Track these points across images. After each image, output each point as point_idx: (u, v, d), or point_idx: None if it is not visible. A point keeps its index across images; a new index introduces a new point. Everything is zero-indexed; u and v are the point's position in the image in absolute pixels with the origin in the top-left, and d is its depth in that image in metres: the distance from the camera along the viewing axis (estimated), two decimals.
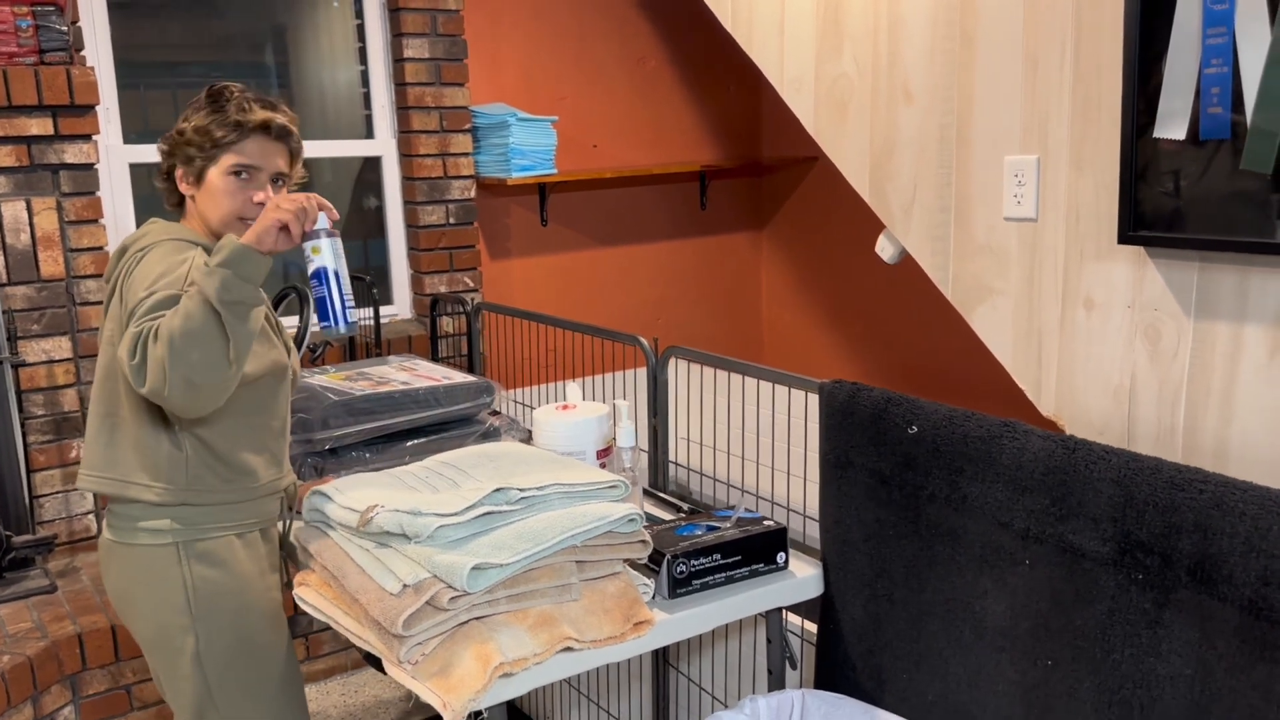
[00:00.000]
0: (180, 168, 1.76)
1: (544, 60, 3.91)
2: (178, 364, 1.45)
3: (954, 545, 1.51)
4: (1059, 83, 2.19)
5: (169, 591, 1.72)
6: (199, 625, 1.72)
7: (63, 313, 3.01)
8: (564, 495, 1.59)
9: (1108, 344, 2.17)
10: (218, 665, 1.74)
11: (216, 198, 1.73)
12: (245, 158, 1.73)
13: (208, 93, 1.77)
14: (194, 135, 1.72)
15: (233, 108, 1.72)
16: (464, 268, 3.74)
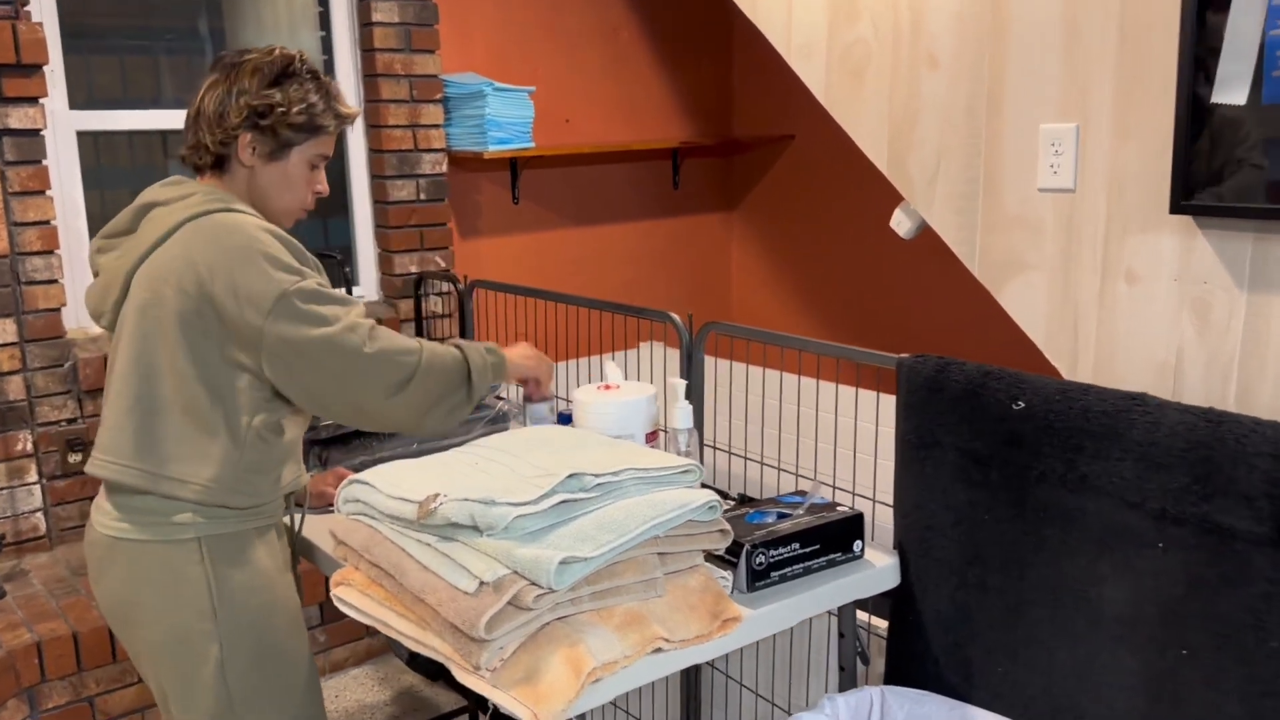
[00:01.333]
0: (252, 136, 1.61)
1: (516, 30, 3.73)
2: (414, 395, 1.57)
3: (1067, 528, 1.40)
4: (1102, 46, 2.11)
5: (190, 592, 1.56)
6: (223, 629, 1.57)
7: (6, 292, 2.75)
8: (639, 481, 1.44)
9: (1151, 318, 2.10)
10: (241, 673, 1.59)
11: (291, 183, 1.66)
12: (328, 150, 1.69)
13: (301, 60, 1.65)
14: (297, 116, 1.61)
15: (335, 98, 1.67)
16: (435, 246, 3.55)
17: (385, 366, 1.53)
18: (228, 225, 1.54)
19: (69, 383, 2.85)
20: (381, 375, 1.53)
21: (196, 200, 1.57)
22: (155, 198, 1.61)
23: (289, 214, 1.69)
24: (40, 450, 2.84)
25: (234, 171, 1.64)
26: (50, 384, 2.83)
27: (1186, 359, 2.06)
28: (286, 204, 1.67)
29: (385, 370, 1.53)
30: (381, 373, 1.53)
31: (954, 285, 3.65)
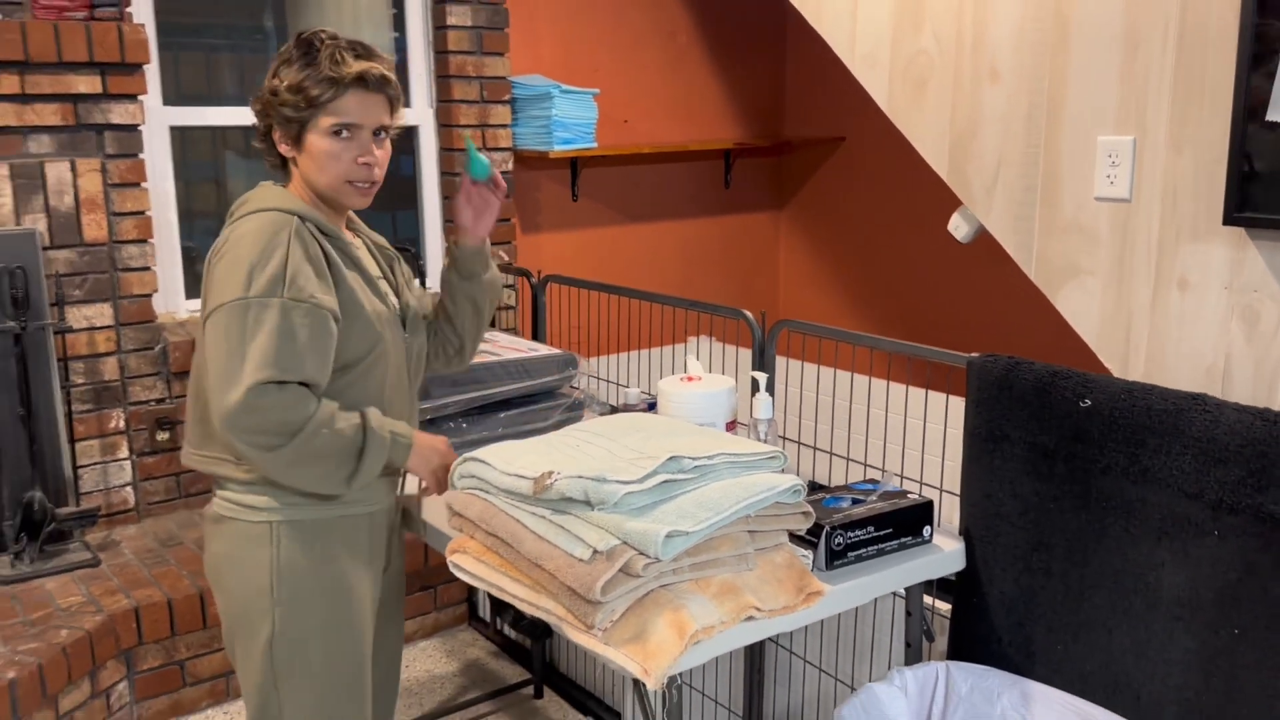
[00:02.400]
0: (277, 129, 1.65)
1: (580, 33, 3.86)
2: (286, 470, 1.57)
3: (1129, 517, 1.52)
4: (1160, 64, 2.21)
5: (255, 571, 1.65)
6: (278, 610, 1.65)
7: (105, 278, 2.91)
8: (731, 465, 1.57)
9: (1202, 324, 2.20)
10: (288, 655, 1.66)
11: (320, 160, 1.63)
12: (345, 116, 1.61)
13: (296, 42, 1.64)
14: (288, 94, 1.60)
15: (325, 61, 1.59)
16: (499, 240, 3.68)
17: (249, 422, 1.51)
18: (244, 227, 1.59)
19: (159, 365, 3.02)
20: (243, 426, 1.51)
21: (242, 208, 1.65)
22: (236, 204, 1.70)
23: (338, 190, 1.65)
24: (131, 428, 3.00)
25: (291, 164, 1.68)
26: (142, 365, 2.99)
27: (1235, 363, 2.16)
28: (328, 181, 1.64)
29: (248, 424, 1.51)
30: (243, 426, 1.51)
31: (1000, 288, 3.75)
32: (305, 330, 1.54)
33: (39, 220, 2.78)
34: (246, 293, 1.52)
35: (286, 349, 1.52)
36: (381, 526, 1.78)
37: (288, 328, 1.52)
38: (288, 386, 1.53)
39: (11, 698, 2.23)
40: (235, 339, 1.52)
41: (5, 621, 2.47)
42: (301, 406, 1.53)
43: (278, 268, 1.54)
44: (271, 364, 1.51)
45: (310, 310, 1.55)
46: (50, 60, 2.68)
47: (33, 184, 2.77)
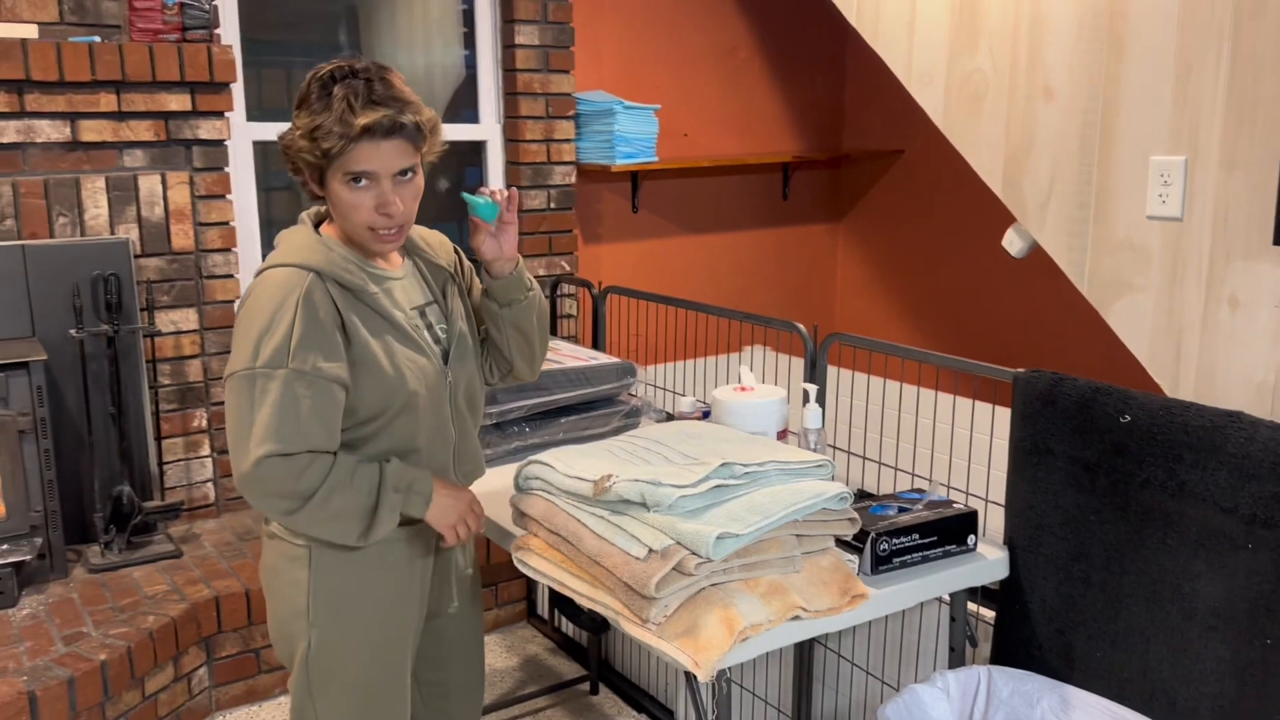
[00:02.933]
0: (302, 169, 1.63)
1: (642, 49, 3.96)
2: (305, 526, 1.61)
3: (1166, 530, 1.57)
4: (1213, 86, 2.25)
5: (293, 591, 1.69)
6: (314, 631, 1.69)
7: (191, 285, 3.08)
8: (781, 472, 1.65)
9: (1252, 342, 2.23)
10: (322, 672, 1.71)
11: (342, 209, 1.61)
12: (359, 165, 1.57)
13: (316, 78, 1.59)
14: (303, 141, 1.57)
15: (336, 110, 1.54)
16: (562, 251, 3.80)
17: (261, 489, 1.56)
18: (260, 286, 1.61)
19: None
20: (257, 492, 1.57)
21: (272, 254, 1.66)
22: (276, 240, 1.71)
23: (361, 236, 1.64)
24: (213, 427, 3.16)
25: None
26: (223, 368, 3.14)
27: None
28: (352, 229, 1.63)
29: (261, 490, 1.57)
30: (257, 491, 1.57)
31: (1055, 302, 3.77)
32: (308, 401, 1.55)
33: (131, 230, 2.96)
34: (254, 363, 1.54)
35: (290, 421, 1.53)
36: (427, 548, 1.78)
37: (291, 399, 1.54)
38: (294, 456, 1.54)
39: (103, 677, 2.39)
40: (244, 409, 1.55)
41: (96, 607, 2.63)
42: (311, 473, 1.55)
43: (283, 338, 1.54)
44: (274, 437, 1.53)
45: (313, 381, 1.55)
46: (145, 80, 2.85)
47: (126, 196, 2.94)
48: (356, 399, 1.62)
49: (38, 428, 2.67)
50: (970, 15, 2.75)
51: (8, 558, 2.62)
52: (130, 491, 2.90)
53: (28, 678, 2.30)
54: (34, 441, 2.68)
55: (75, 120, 2.82)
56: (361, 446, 1.66)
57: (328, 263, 1.61)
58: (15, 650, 2.42)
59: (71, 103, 2.79)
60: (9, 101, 2.71)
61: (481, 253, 1.77)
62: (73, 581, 2.77)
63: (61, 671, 2.34)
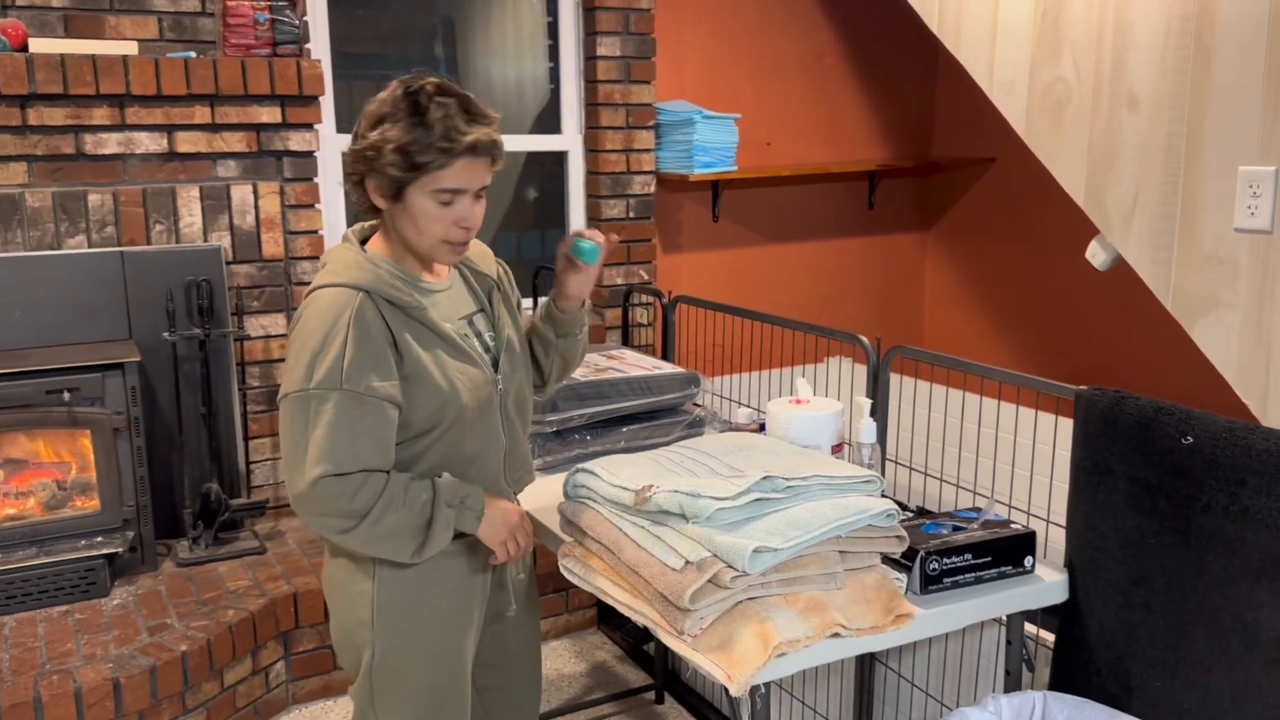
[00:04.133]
0: (373, 181, 1.62)
1: (725, 57, 3.96)
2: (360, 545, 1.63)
3: (1228, 556, 1.51)
4: None
5: (357, 601, 1.72)
6: (378, 641, 1.71)
7: (280, 291, 3.19)
8: (825, 487, 1.63)
9: None
10: (385, 681, 1.74)
11: (420, 222, 1.62)
12: (451, 182, 1.59)
13: (404, 95, 1.59)
14: (393, 155, 1.56)
15: (438, 127, 1.56)
16: (640, 260, 3.82)
17: (316, 509, 1.59)
18: (311, 307, 1.62)
19: None
20: (312, 512, 1.60)
21: (320, 274, 1.68)
22: (321, 260, 1.73)
23: (431, 250, 1.65)
24: None
25: (384, 215, 1.67)
26: None
27: None
28: (422, 242, 1.64)
29: (315, 510, 1.59)
30: (312, 511, 1.59)
31: (1144, 317, 3.64)
32: (362, 421, 1.57)
33: (223, 238, 3.08)
34: (308, 384, 1.56)
35: (344, 442, 1.56)
36: (479, 561, 1.79)
37: (345, 420, 1.56)
38: (348, 476, 1.56)
39: (184, 668, 2.49)
40: (299, 430, 1.57)
41: (181, 600, 2.75)
42: (365, 492, 1.57)
43: (336, 356, 1.56)
44: (328, 458, 1.55)
45: (366, 401, 1.57)
46: (237, 93, 2.97)
47: (219, 205, 3.07)
48: (411, 414, 1.64)
49: (131, 426, 2.81)
50: (1053, 23, 2.68)
51: (101, 549, 2.76)
52: (218, 489, 3.02)
53: (113, 665, 2.42)
54: (128, 439, 2.81)
55: (172, 132, 2.96)
56: (416, 459, 1.68)
57: (376, 280, 1.62)
58: (104, 638, 2.54)
59: (168, 115, 2.92)
60: (111, 115, 2.86)
61: (567, 289, 1.85)
62: (161, 574, 2.89)
63: (145, 660, 2.45)
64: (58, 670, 2.39)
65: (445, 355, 1.67)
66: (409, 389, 1.63)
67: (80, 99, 2.82)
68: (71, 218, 2.90)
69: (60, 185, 2.88)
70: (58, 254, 2.88)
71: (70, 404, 2.74)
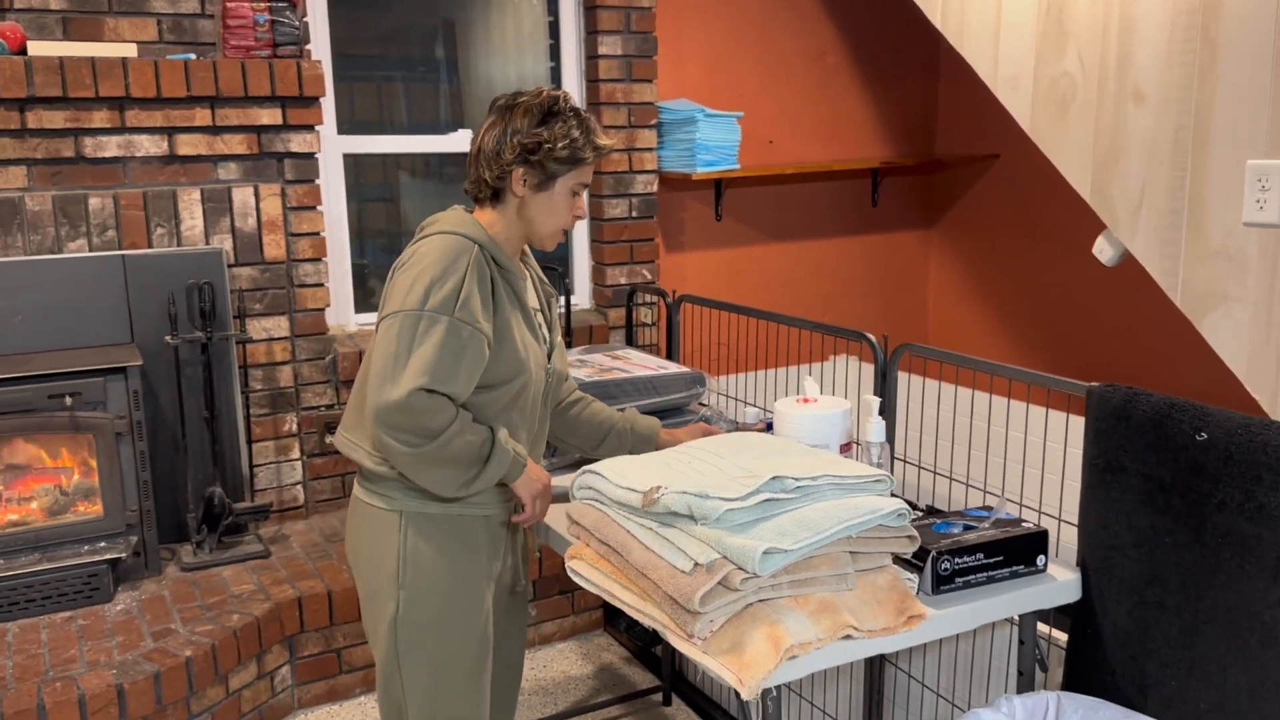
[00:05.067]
0: (525, 169, 1.80)
1: (727, 56, 3.94)
2: (417, 467, 1.71)
3: (1244, 554, 1.49)
4: None
5: (384, 555, 1.81)
6: (403, 593, 1.80)
7: (282, 293, 3.18)
8: (835, 486, 1.62)
9: None
10: (410, 636, 1.81)
11: (557, 210, 1.84)
12: (587, 178, 1.86)
13: (564, 99, 1.83)
14: (562, 151, 1.79)
15: (590, 131, 1.82)
16: (643, 260, 3.80)
17: (400, 421, 1.67)
18: (430, 244, 1.76)
19: (329, 373, 3.26)
20: (393, 424, 1.67)
21: (432, 226, 1.83)
22: (426, 222, 1.88)
23: (553, 236, 1.88)
24: (302, 431, 3.26)
25: (507, 201, 1.84)
26: (314, 374, 3.25)
27: None
28: (551, 227, 1.86)
29: (398, 423, 1.67)
30: (393, 424, 1.67)
31: (1153, 313, 3.62)
32: (465, 350, 1.70)
33: (225, 240, 3.07)
34: (422, 306, 1.69)
35: (447, 363, 1.68)
36: (498, 530, 1.90)
37: (452, 344, 1.69)
38: (437, 395, 1.68)
39: (188, 673, 2.48)
40: (404, 344, 1.68)
41: (185, 605, 2.73)
42: (445, 414, 1.69)
43: (453, 288, 1.70)
44: (430, 373, 1.66)
45: (473, 333, 1.71)
46: (238, 95, 2.96)
47: (220, 207, 3.05)
48: (489, 365, 1.76)
49: (134, 430, 2.79)
50: (1057, 17, 2.66)
51: (104, 555, 2.74)
52: (222, 493, 3.01)
53: (117, 671, 2.41)
54: (130, 443, 2.80)
55: (172, 135, 2.94)
56: (473, 410, 1.79)
57: (487, 240, 1.80)
58: (107, 644, 2.53)
59: (169, 118, 2.91)
60: (111, 118, 2.84)
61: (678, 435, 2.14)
62: (165, 579, 2.88)
63: (149, 666, 2.43)
64: (61, 677, 2.38)
65: (524, 326, 1.85)
66: (496, 342, 1.78)
67: (80, 102, 2.81)
68: (72, 221, 2.88)
69: (60, 189, 2.87)
70: (58, 258, 2.87)
71: (72, 408, 2.72)
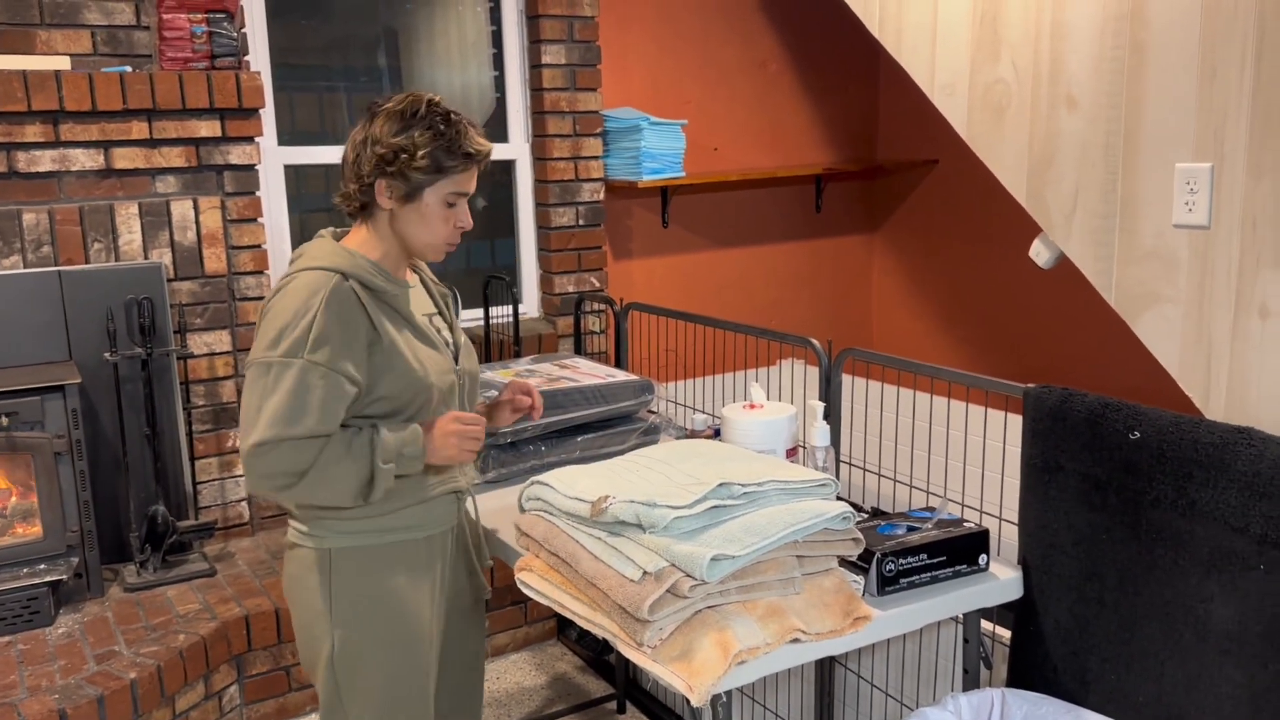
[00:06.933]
0: (387, 181, 1.72)
1: (670, 64, 3.97)
2: (306, 498, 1.69)
3: (1178, 549, 1.53)
4: (1238, 91, 2.19)
5: (314, 594, 1.77)
6: (337, 631, 1.76)
7: (224, 307, 3.13)
8: (781, 491, 1.63)
9: None
10: (348, 672, 1.78)
11: (430, 223, 1.75)
12: (463, 186, 1.75)
13: (428, 108, 1.72)
14: (422, 160, 1.69)
15: (462, 135, 1.72)
16: (591, 268, 3.81)
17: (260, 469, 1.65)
18: (289, 285, 1.71)
19: None
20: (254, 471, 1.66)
21: (295, 262, 1.76)
22: (294, 254, 1.80)
23: (432, 249, 1.78)
24: None
25: (377, 216, 1.76)
26: None
27: None
28: (427, 241, 1.76)
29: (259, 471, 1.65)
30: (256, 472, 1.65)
31: (1089, 313, 3.70)
32: (318, 391, 1.64)
33: (164, 254, 3.02)
34: (273, 353, 1.65)
35: (297, 408, 1.62)
36: (441, 548, 1.86)
37: (302, 388, 1.63)
38: (291, 441, 1.63)
39: (133, 696, 2.43)
40: (257, 395, 1.65)
41: (129, 626, 2.68)
42: (307, 451, 1.64)
43: (304, 330, 1.64)
44: (283, 421, 1.62)
45: (326, 373, 1.64)
46: (175, 107, 2.91)
47: (159, 221, 3.01)
48: (384, 390, 1.72)
49: (73, 449, 2.74)
50: (992, 25, 2.72)
51: (44, 577, 2.69)
52: (165, 511, 2.96)
53: (59, 696, 2.35)
54: (70, 463, 2.74)
55: (108, 148, 2.89)
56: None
57: (353, 266, 1.72)
58: (49, 669, 2.47)
59: (104, 131, 2.86)
60: (44, 131, 2.79)
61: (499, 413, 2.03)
62: (108, 600, 2.82)
63: (92, 690, 2.39)
64: (1, 704, 2.32)
65: (416, 341, 1.78)
66: (385, 367, 1.71)
67: (11, 115, 2.75)
68: (5, 238, 2.82)
69: None
70: None
71: (9, 429, 2.66)
